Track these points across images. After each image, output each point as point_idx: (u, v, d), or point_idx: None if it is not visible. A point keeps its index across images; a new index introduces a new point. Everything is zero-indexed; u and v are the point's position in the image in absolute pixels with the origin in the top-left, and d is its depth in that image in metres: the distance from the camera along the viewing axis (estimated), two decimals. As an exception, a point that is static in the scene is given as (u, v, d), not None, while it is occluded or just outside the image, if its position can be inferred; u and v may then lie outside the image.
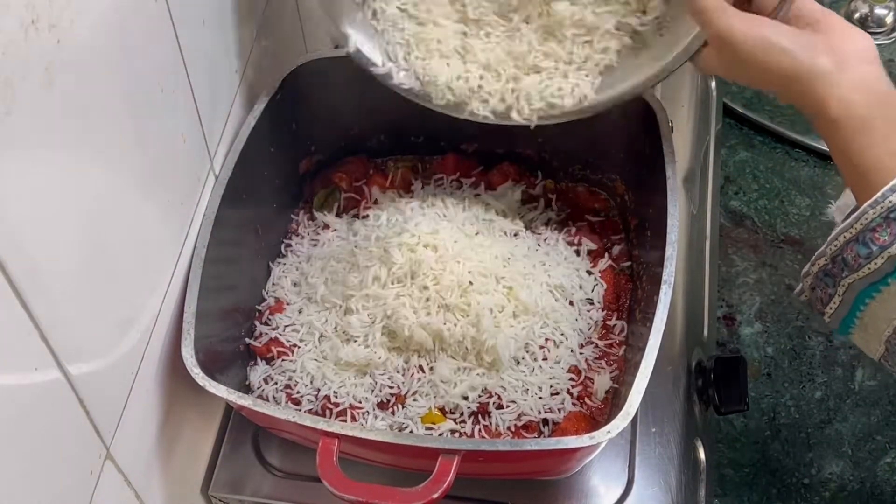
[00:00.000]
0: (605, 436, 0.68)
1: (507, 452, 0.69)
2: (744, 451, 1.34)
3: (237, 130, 0.86)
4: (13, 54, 0.49)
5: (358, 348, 0.80)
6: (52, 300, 0.56)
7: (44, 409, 0.57)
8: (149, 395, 0.73)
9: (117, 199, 0.65)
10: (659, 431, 0.86)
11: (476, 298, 0.78)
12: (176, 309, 0.76)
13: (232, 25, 0.84)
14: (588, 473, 0.83)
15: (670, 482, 0.83)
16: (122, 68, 0.63)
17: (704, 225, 1.06)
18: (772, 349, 1.44)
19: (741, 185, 1.61)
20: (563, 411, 0.80)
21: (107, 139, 0.62)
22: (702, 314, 1.00)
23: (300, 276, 0.90)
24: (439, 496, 0.67)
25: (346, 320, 0.82)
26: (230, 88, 0.85)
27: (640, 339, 0.79)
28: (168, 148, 0.73)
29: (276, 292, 0.90)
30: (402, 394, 0.80)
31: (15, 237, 0.51)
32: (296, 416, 0.71)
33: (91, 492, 0.64)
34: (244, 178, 0.87)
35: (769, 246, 1.54)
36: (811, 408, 1.38)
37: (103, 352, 0.65)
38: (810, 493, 1.31)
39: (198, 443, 0.86)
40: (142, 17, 0.66)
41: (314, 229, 0.96)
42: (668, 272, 0.76)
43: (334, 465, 0.69)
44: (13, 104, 0.50)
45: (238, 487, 0.85)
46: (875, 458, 1.34)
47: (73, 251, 0.59)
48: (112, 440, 0.66)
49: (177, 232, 0.76)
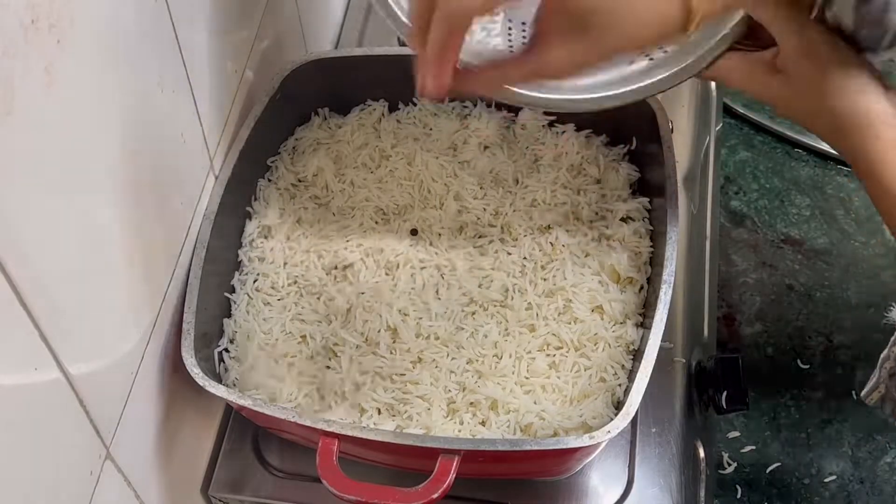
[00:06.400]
0: (605, 436, 0.68)
1: (507, 452, 0.69)
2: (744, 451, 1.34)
3: (237, 130, 0.86)
4: (13, 54, 0.49)
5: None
6: (52, 300, 0.56)
7: (44, 409, 0.57)
8: (149, 395, 0.73)
9: (117, 199, 0.65)
10: (659, 431, 0.86)
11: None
12: (176, 309, 0.76)
13: (232, 25, 0.84)
14: (588, 473, 0.83)
15: (670, 482, 0.83)
16: (122, 68, 0.63)
17: (704, 225, 1.06)
18: (772, 349, 1.44)
19: (741, 185, 1.61)
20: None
21: (106, 139, 0.62)
22: (702, 314, 1.00)
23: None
24: (439, 496, 0.67)
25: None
26: (230, 88, 0.85)
27: (641, 340, 0.79)
28: (168, 148, 0.73)
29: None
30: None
31: (15, 237, 0.51)
32: (296, 416, 0.71)
33: (91, 492, 0.64)
34: (244, 177, 0.87)
35: (769, 246, 1.54)
36: (811, 408, 1.38)
37: (103, 352, 0.65)
38: (810, 493, 1.31)
39: (198, 443, 0.86)
40: (142, 16, 0.66)
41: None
42: (668, 272, 0.76)
43: (334, 465, 0.69)
44: (13, 104, 0.50)
45: (238, 487, 0.85)
46: (875, 458, 1.34)
47: (73, 251, 0.59)
48: (112, 440, 0.66)
49: (177, 232, 0.76)
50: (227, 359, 0.81)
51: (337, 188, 0.90)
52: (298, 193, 0.91)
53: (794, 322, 1.46)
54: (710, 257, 1.05)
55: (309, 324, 0.82)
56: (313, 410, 0.78)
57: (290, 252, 0.87)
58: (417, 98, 0.95)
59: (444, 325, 0.81)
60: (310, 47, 1.06)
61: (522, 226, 0.86)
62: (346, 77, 0.93)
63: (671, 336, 0.91)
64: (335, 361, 0.80)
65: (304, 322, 0.83)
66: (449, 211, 0.88)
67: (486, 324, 0.81)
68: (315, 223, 0.89)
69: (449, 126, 0.94)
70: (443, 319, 0.81)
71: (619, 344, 0.79)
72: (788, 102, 0.65)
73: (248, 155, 0.86)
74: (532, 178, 0.90)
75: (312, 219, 0.89)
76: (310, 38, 1.06)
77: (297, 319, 0.83)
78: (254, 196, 0.90)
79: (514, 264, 0.84)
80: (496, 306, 0.82)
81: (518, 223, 0.86)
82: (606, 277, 0.83)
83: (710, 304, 1.03)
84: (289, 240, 0.88)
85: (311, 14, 1.05)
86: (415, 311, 0.81)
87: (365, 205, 0.89)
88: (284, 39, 0.98)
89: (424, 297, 0.82)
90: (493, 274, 0.84)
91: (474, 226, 0.87)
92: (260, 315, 0.83)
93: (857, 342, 1.42)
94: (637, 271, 0.83)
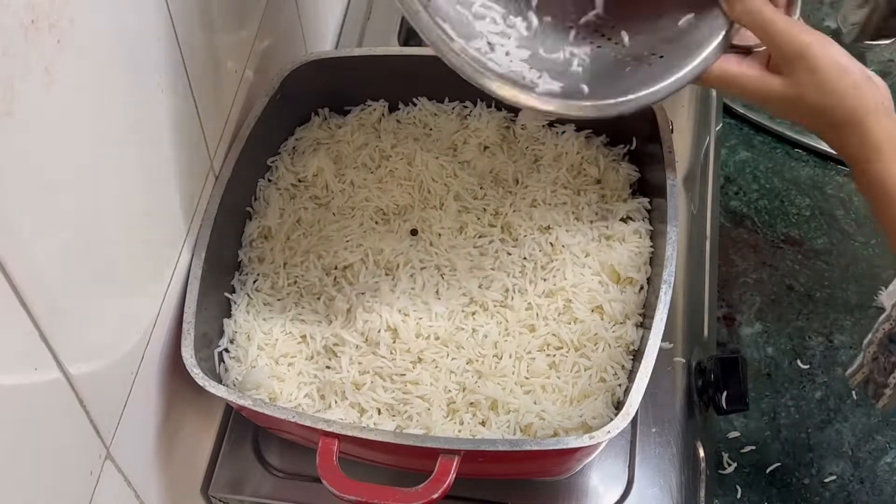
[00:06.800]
0: (605, 436, 0.68)
1: (507, 452, 0.69)
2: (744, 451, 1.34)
3: (237, 130, 0.86)
4: (13, 54, 0.49)
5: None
6: (52, 300, 0.56)
7: (44, 409, 0.57)
8: (149, 395, 0.73)
9: (117, 199, 0.65)
10: (659, 431, 0.86)
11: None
12: (176, 309, 0.76)
13: (232, 25, 0.84)
14: (588, 473, 0.83)
15: (670, 482, 0.83)
16: (121, 68, 0.63)
17: (704, 225, 1.06)
18: (772, 349, 1.44)
19: (741, 185, 1.61)
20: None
21: (106, 139, 0.62)
22: (702, 314, 1.00)
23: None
24: (439, 496, 0.67)
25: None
26: (230, 88, 0.85)
27: (641, 340, 0.79)
28: (168, 148, 0.73)
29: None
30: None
31: (15, 237, 0.51)
32: (296, 416, 0.71)
33: (91, 492, 0.64)
34: (244, 177, 0.87)
35: (769, 246, 1.54)
36: (811, 408, 1.38)
37: (103, 352, 0.65)
38: (810, 493, 1.31)
39: (198, 443, 0.86)
40: (141, 16, 0.66)
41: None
42: (668, 272, 0.76)
43: (334, 465, 0.69)
44: (13, 104, 0.50)
45: (238, 487, 0.85)
46: (875, 458, 1.34)
47: (72, 251, 0.59)
48: (112, 440, 0.66)
49: (177, 232, 0.76)
50: (227, 359, 0.81)
51: (337, 188, 0.90)
52: (298, 193, 0.91)
53: (794, 322, 1.46)
54: (710, 257, 1.05)
55: (309, 324, 0.82)
56: (313, 410, 0.78)
57: (289, 252, 0.87)
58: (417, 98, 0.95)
59: (444, 325, 0.81)
60: (310, 47, 1.06)
61: (522, 226, 0.86)
62: (346, 77, 0.93)
63: (671, 336, 0.91)
64: (335, 361, 0.80)
65: (304, 322, 0.83)
66: (449, 211, 0.88)
67: (486, 324, 0.81)
68: (315, 223, 0.89)
69: (449, 126, 0.94)
70: (443, 319, 0.81)
71: (619, 344, 0.79)
72: (790, 104, 0.65)
73: (248, 155, 0.86)
74: (532, 178, 0.90)
75: (312, 219, 0.89)
76: (310, 38, 1.06)
77: (297, 319, 0.83)
78: (254, 196, 0.90)
79: (515, 264, 0.84)
80: (496, 306, 0.82)
81: (518, 223, 0.86)
82: (606, 277, 0.83)
83: (710, 304, 1.03)
84: (289, 240, 0.88)
85: (311, 14, 1.05)
86: (415, 311, 0.81)
87: (365, 205, 0.89)
88: (284, 39, 0.98)
89: (424, 297, 0.82)
90: (493, 274, 0.84)
91: (474, 226, 0.87)
92: (260, 315, 0.83)
93: (857, 342, 1.42)
94: (637, 271, 0.83)
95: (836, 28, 1.68)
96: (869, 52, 1.65)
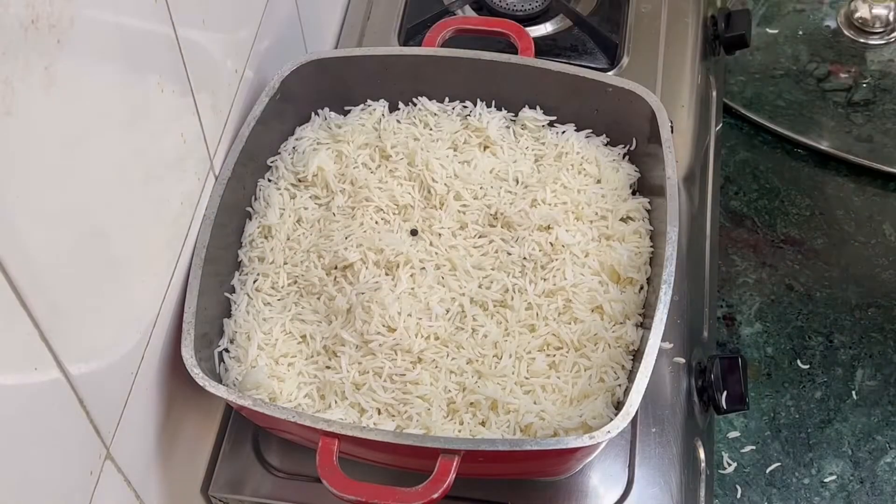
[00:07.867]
0: (605, 436, 0.68)
1: (507, 452, 0.69)
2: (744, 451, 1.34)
3: (237, 130, 0.86)
4: (13, 54, 0.49)
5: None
6: (52, 300, 0.56)
7: (44, 409, 0.57)
8: (149, 395, 0.73)
9: (117, 199, 0.65)
10: (659, 431, 0.86)
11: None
12: (176, 309, 0.76)
13: (232, 25, 0.84)
14: (588, 473, 0.83)
15: (670, 482, 0.83)
16: (121, 68, 0.63)
17: (704, 225, 1.06)
18: (772, 349, 1.44)
19: (741, 185, 1.61)
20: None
21: (106, 139, 0.62)
22: (702, 314, 1.00)
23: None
24: (439, 496, 0.67)
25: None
26: (230, 88, 0.85)
27: (640, 340, 0.79)
28: (168, 148, 0.73)
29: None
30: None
31: (15, 237, 0.51)
32: (296, 416, 0.71)
33: (91, 492, 0.64)
34: (244, 177, 0.87)
35: (769, 246, 1.54)
36: (811, 408, 1.38)
37: (103, 352, 0.65)
38: (810, 493, 1.31)
39: (198, 443, 0.86)
40: (142, 16, 0.66)
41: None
42: (668, 272, 0.76)
43: (334, 465, 0.69)
44: (13, 104, 0.50)
45: (238, 487, 0.85)
46: (875, 458, 1.34)
47: (73, 251, 0.59)
48: (112, 440, 0.66)
49: (177, 232, 0.76)
50: (227, 359, 0.81)
51: (337, 188, 0.90)
52: (298, 193, 0.91)
53: (794, 322, 1.46)
54: (710, 257, 1.05)
55: (309, 324, 0.82)
56: (313, 410, 0.78)
57: (290, 252, 0.87)
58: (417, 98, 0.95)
59: (444, 325, 0.81)
60: (310, 47, 1.06)
61: (522, 225, 0.86)
62: (346, 77, 0.93)
63: (671, 336, 0.91)
64: (335, 361, 0.80)
65: (304, 322, 0.83)
66: (449, 211, 0.88)
67: (486, 324, 0.81)
68: (315, 223, 0.89)
69: (449, 126, 0.94)
70: (443, 319, 0.81)
71: (619, 344, 0.79)
72: None
73: (248, 155, 0.86)
74: (532, 177, 0.90)
75: (312, 219, 0.89)
76: (310, 38, 1.06)
77: (297, 319, 0.83)
78: (254, 196, 0.90)
79: (515, 264, 0.84)
80: (496, 306, 0.82)
81: (518, 223, 0.86)
82: (606, 277, 0.83)
83: (710, 304, 1.03)
84: (289, 240, 0.88)
85: (311, 14, 1.05)
86: (415, 311, 0.81)
87: (365, 205, 0.89)
88: (284, 39, 0.98)
89: (424, 298, 0.82)
90: (493, 274, 0.84)
91: (474, 226, 0.87)
92: (260, 315, 0.83)
93: (857, 342, 1.42)
94: (637, 271, 0.83)
95: (836, 28, 1.68)
96: (869, 51, 1.65)
